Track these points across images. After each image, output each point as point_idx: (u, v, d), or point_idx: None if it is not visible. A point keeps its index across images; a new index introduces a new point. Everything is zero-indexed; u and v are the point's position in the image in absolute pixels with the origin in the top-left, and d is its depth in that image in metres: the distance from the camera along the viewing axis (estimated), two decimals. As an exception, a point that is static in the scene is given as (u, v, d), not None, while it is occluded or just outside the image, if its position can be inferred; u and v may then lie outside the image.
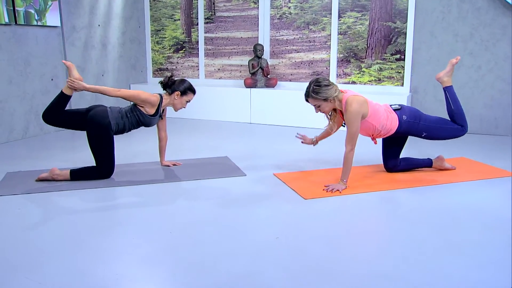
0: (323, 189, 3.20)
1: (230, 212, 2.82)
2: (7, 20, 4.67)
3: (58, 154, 4.31)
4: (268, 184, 3.38)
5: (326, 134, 3.58)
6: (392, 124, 3.35)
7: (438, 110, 5.40)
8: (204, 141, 4.90)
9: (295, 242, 2.39)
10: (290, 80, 6.12)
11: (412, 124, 3.38)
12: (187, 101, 3.60)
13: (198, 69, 6.67)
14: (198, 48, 6.61)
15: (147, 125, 3.51)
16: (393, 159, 3.59)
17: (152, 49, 6.89)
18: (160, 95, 3.53)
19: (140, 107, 3.43)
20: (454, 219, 2.69)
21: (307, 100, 3.27)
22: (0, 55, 4.66)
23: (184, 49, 6.71)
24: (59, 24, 5.29)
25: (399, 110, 3.43)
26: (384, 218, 2.76)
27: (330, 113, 3.38)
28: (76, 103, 5.66)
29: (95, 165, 3.43)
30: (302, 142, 3.70)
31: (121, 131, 3.47)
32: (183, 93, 3.54)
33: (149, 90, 6.39)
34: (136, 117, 3.44)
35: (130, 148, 4.35)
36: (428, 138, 3.48)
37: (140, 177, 3.52)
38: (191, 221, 2.67)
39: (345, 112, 3.20)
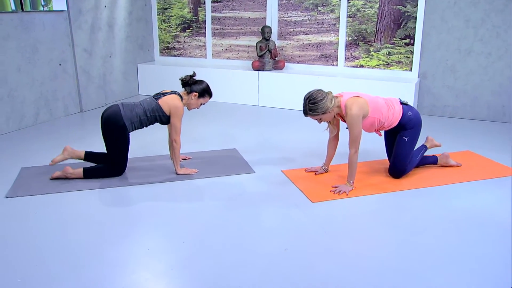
0: (330, 191, 3.28)
1: (240, 218, 2.90)
2: (13, 7, 4.65)
3: (69, 145, 4.37)
4: (276, 183, 3.45)
5: (331, 154, 3.58)
6: (395, 116, 3.35)
7: (445, 95, 5.40)
8: (212, 128, 4.95)
9: (304, 255, 2.48)
10: (298, 62, 6.09)
11: (412, 123, 3.38)
12: (202, 104, 3.62)
13: (206, 48, 6.63)
14: (205, 28, 6.55)
15: (165, 124, 3.55)
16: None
17: (158, 27, 6.83)
18: (179, 95, 3.54)
19: (163, 109, 3.45)
20: (459, 229, 2.76)
21: (306, 116, 3.29)
22: (8, 43, 4.67)
23: (191, 28, 6.65)
24: (65, 8, 5.25)
25: (406, 105, 3.44)
26: (389, 228, 2.83)
27: None
28: (84, 87, 5.69)
29: (107, 163, 3.51)
30: (315, 174, 3.62)
31: (137, 128, 3.49)
32: (201, 95, 3.55)
33: (156, 69, 6.46)
34: (157, 117, 3.47)
35: (140, 138, 4.40)
36: (400, 145, 3.42)
37: (153, 174, 3.60)
38: (202, 228, 2.77)
39: (346, 116, 3.22)
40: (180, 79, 3.57)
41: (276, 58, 6.02)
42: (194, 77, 3.57)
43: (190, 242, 2.61)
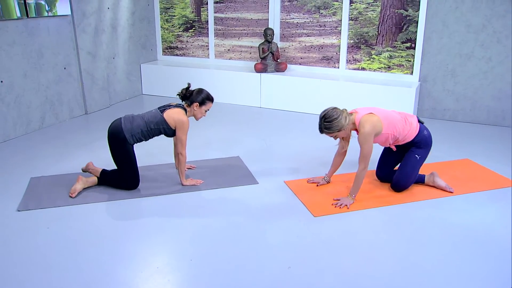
0: (332, 204, 3.37)
1: (245, 234, 3.00)
2: (19, 14, 4.69)
3: (76, 152, 4.45)
4: (279, 196, 3.54)
5: (335, 167, 3.67)
6: (411, 131, 3.42)
7: (445, 99, 5.47)
8: (215, 132, 5.03)
9: (306, 273, 2.58)
10: (300, 64, 6.14)
11: (426, 142, 3.47)
12: (206, 110, 3.69)
13: (208, 48, 6.67)
14: (208, 28, 6.58)
15: (171, 136, 3.62)
16: (388, 167, 3.70)
17: (161, 27, 6.86)
18: (183, 108, 3.60)
19: (168, 123, 3.51)
20: (458, 245, 2.86)
21: (321, 133, 3.35)
22: (14, 50, 4.72)
23: (193, 28, 6.68)
24: (69, 13, 5.28)
25: (423, 124, 3.54)
26: (389, 244, 2.92)
27: None
28: (89, 89, 5.74)
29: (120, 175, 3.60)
30: (317, 185, 3.71)
31: (140, 140, 3.55)
32: (202, 103, 3.61)
33: (159, 69, 6.51)
34: (161, 130, 3.53)
35: (145, 146, 4.45)
36: (410, 162, 3.48)
37: (159, 186, 3.69)
38: (209, 245, 2.86)
39: (358, 133, 3.30)
40: (177, 94, 3.63)
41: (278, 60, 6.06)
42: (190, 89, 3.63)
43: (197, 260, 2.71)
